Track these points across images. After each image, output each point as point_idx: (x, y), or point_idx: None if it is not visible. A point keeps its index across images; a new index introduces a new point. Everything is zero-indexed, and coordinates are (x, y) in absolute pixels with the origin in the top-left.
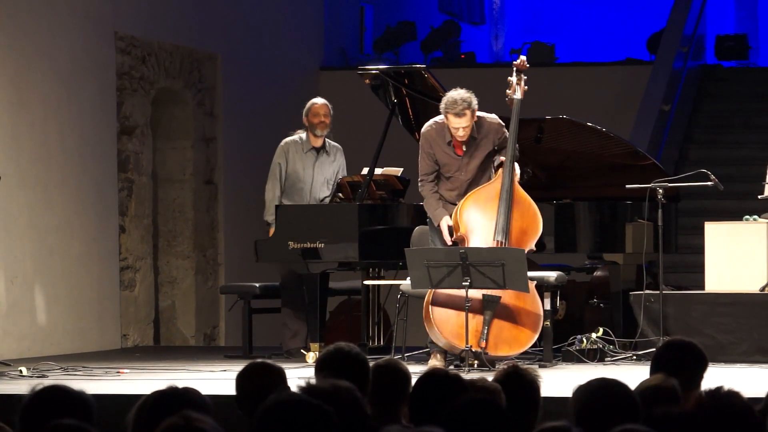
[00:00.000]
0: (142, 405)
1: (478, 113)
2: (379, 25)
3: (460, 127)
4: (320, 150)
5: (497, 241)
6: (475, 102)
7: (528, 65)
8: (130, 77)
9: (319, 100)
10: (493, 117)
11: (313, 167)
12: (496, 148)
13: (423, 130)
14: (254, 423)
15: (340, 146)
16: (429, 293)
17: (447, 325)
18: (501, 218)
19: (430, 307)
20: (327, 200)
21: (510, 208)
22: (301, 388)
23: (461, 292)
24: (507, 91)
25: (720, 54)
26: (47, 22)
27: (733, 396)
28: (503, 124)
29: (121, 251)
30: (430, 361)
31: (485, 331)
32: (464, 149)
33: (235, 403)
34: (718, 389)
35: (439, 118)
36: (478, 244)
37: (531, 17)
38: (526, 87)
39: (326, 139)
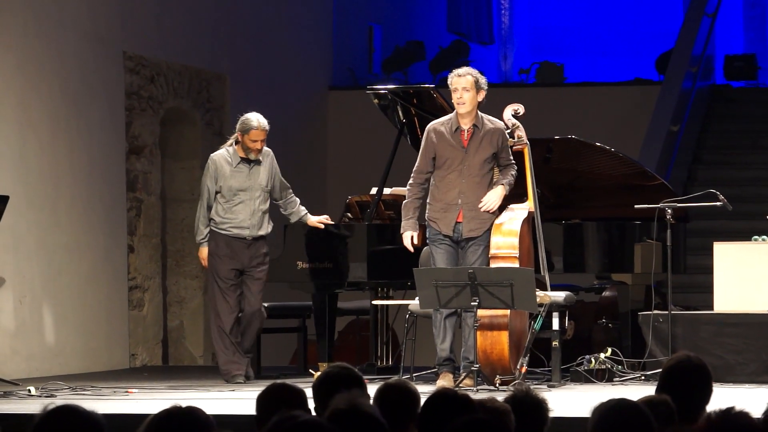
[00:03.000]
0: (148, 426)
1: (485, 115)
2: (388, 45)
3: (460, 87)
4: (252, 161)
5: (543, 275)
6: (483, 80)
7: (521, 111)
8: (138, 97)
9: (258, 124)
10: (498, 121)
11: (248, 179)
12: (496, 154)
13: (429, 125)
14: None
15: (270, 150)
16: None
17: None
18: (543, 254)
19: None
20: (264, 211)
21: None
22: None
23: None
24: (511, 140)
25: (729, 74)
26: (56, 42)
27: (743, 417)
28: (508, 130)
29: (130, 271)
30: (438, 381)
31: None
32: (468, 140)
33: (247, 422)
34: (729, 410)
35: (450, 115)
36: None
37: (540, 37)
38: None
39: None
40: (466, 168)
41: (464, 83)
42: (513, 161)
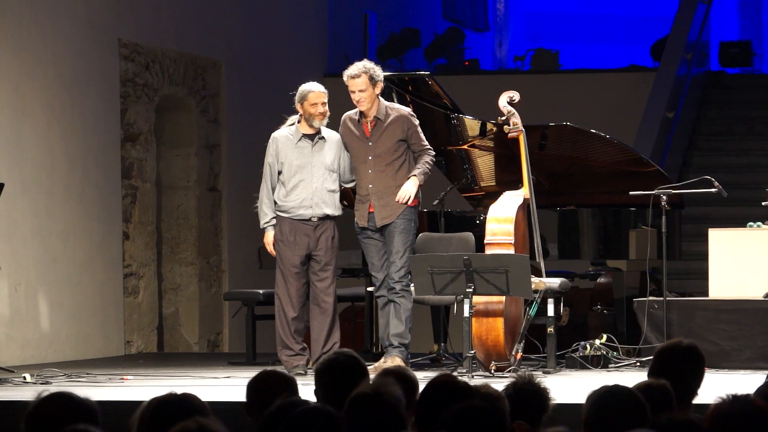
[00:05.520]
0: (143, 412)
1: (390, 104)
2: (383, 32)
3: (357, 89)
4: (315, 136)
5: (537, 261)
6: (376, 72)
7: (517, 98)
8: (133, 84)
9: (315, 87)
10: (402, 107)
11: (310, 156)
12: (405, 140)
13: (344, 115)
14: (259, 427)
15: (339, 136)
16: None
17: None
18: (538, 241)
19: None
20: (330, 190)
21: None
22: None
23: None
24: (507, 127)
25: (724, 61)
26: (51, 30)
27: (750, 402)
28: (413, 115)
29: (125, 258)
30: (388, 363)
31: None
32: (371, 130)
33: (243, 409)
34: (745, 395)
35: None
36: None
37: (535, 24)
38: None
39: (325, 128)
40: (372, 159)
41: (360, 85)
42: (428, 146)
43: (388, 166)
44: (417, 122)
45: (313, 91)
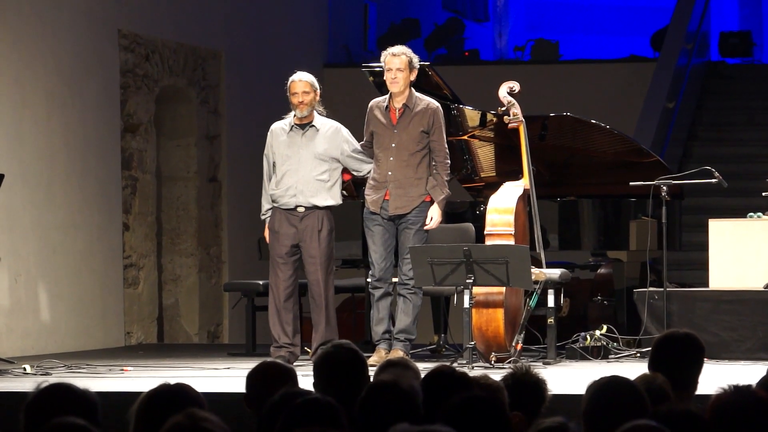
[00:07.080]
0: (139, 405)
1: (421, 95)
2: (383, 23)
3: (395, 68)
4: (306, 126)
5: (537, 252)
6: (416, 59)
7: (517, 89)
8: (133, 75)
9: (296, 76)
10: (432, 100)
11: (298, 145)
12: (427, 132)
13: (371, 102)
14: (261, 418)
15: (337, 125)
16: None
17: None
18: (538, 232)
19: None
20: (319, 179)
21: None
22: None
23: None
24: (507, 117)
25: (724, 51)
26: (51, 21)
27: (751, 392)
28: (441, 111)
29: (125, 249)
30: (374, 356)
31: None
32: (398, 117)
33: (243, 400)
34: (747, 386)
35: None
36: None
37: (535, 14)
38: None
39: (321, 117)
40: (396, 146)
41: (398, 63)
42: (446, 150)
43: (411, 157)
44: (443, 120)
45: (293, 80)
